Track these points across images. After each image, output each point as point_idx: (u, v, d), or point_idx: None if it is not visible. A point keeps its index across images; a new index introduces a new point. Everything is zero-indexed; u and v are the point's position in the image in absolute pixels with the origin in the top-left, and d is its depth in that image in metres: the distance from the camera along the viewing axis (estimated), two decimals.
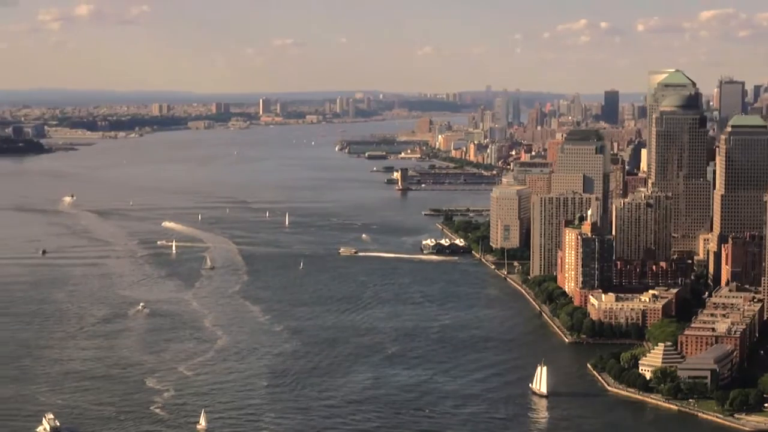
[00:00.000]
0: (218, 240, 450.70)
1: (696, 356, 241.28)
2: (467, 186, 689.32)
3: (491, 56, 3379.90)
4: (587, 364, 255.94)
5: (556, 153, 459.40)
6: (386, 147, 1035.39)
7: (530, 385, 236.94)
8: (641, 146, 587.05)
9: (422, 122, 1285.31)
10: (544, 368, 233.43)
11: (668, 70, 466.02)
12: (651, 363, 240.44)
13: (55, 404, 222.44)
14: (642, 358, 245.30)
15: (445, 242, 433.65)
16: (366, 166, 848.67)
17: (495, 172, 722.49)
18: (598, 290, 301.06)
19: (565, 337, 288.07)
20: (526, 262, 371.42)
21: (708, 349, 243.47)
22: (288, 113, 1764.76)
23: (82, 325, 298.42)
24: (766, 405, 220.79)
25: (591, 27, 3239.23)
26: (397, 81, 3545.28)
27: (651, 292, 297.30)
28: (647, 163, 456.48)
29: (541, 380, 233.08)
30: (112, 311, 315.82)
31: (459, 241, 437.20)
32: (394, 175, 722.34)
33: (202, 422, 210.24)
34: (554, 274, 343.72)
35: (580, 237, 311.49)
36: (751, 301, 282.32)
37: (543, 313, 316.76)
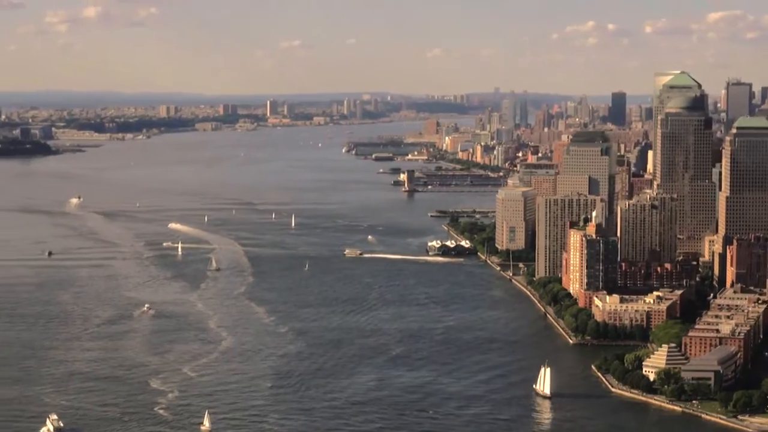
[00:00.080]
0: (224, 241, 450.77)
1: (700, 358, 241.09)
2: (474, 187, 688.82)
3: (499, 58, 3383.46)
4: (591, 366, 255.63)
5: (561, 155, 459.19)
6: (393, 149, 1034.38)
7: (534, 387, 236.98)
8: (648, 148, 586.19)
9: (429, 124, 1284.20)
10: (548, 369, 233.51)
11: (674, 72, 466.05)
12: (655, 364, 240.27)
13: (59, 405, 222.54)
14: (646, 360, 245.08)
15: (451, 244, 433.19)
16: (373, 168, 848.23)
17: (501, 174, 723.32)
18: (602, 292, 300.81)
19: (569, 339, 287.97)
20: (532, 263, 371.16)
21: (712, 351, 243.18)
22: (295, 115, 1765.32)
23: (87, 326, 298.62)
24: None
25: (599, 29, 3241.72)
26: (404, 82, 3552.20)
27: (655, 293, 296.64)
28: (653, 164, 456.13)
29: (545, 381, 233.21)
30: (117, 312, 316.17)
31: (464, 243, 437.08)
32: (400, 176, 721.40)
33: (206, 423, 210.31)
34: (559, 275, 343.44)
35: (585, 238, 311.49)
36: (756, 303, 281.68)
37: (548, 314, 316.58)
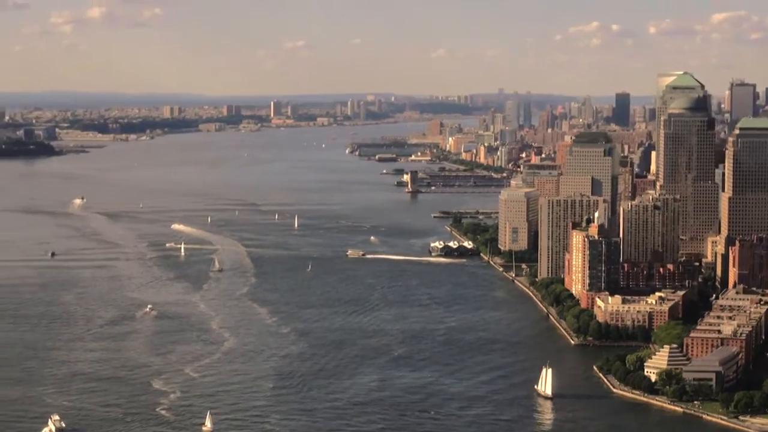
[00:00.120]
0: (227, 242, 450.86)
1: (701, 358, 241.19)
2: (477, 188, 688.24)
3: (503, 59, 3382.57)
4: (593, 366, 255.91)
5: (564, 155, 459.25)
6: (397, 149, 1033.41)
7: (535, 387, 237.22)
8: (651, 149, 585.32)
9: (433, 125, 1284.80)
10: (549, 370, 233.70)
11: (677, 73, 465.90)
12: (656, 365, 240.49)
13: (62, 406, 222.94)
14: (647, 361, 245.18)
15: (454, 244, 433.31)
16: (376, 169, 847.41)
17: (505, 175, 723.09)
18: (604, 292, 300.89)
19: (571, 340, 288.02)
20: (534, 264, 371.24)
21: (713, 352, 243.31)
22: (299, 116, 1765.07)
23: (89, 327, 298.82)
24: None
25: (603, 29, 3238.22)
26: (408, 83, 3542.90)
27: (657, 294, 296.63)
28: (655, 165, 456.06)
29: (546, 382, 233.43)
30: (119, 313, 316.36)
31: (467, 244, 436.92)
32: (403, 177, 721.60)
33: (208, 424, 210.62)
34: (562, 276, 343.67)
35: (587, 239, 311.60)
36: (758, 304, 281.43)
37: (550, 315, 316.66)
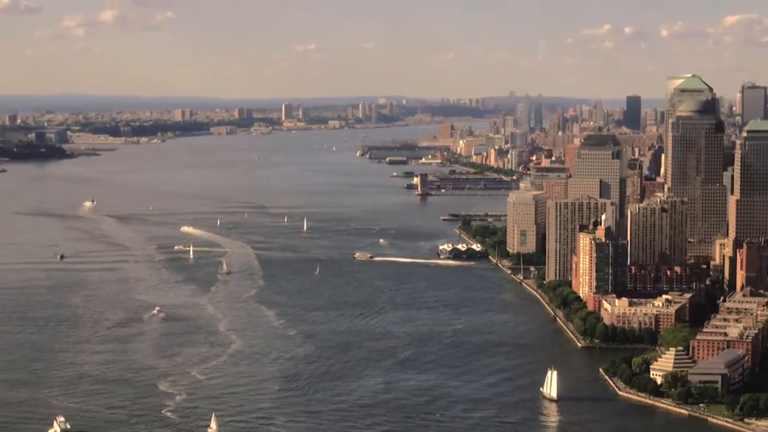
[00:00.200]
0: (236, 245, 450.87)
1: (707, 361, 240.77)
2: (487, 191, 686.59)
3: (515, 61, 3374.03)
4: (599, 369, 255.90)
5: (573, 158, 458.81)
6: (407, 152, 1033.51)
7: (541, 390, 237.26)
8: (662, 151, 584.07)
9: (444, 128, 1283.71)
10: (555, 372, 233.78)
11: (686, 76, 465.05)
12: (662, 367, 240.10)
13: (67, 408, 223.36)
14: (653, 363, 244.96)
15: (462, 247, 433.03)
16: (386, 172, 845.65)
17: (515, 178, 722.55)
18: (611, 295, 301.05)
19: (578, 342, 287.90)
20: (542, 267, 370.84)
21: (719, 354, 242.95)
22: (310, 119, 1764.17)
23: (96, 329, 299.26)
24: None
25: (614, 32, 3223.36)
26: (420, 86, 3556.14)
27: (664, 296, 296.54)
28: (664, 168, 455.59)
29: (552, 384, 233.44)
30: (127, 315, 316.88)
31: (476, 246, 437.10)
32: (413, 180, 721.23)
33: (213, 426, 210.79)
34: (569, 279, 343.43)
35: (594, 242, 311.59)
36: (765, 306, 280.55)
37: (557, 317, 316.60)
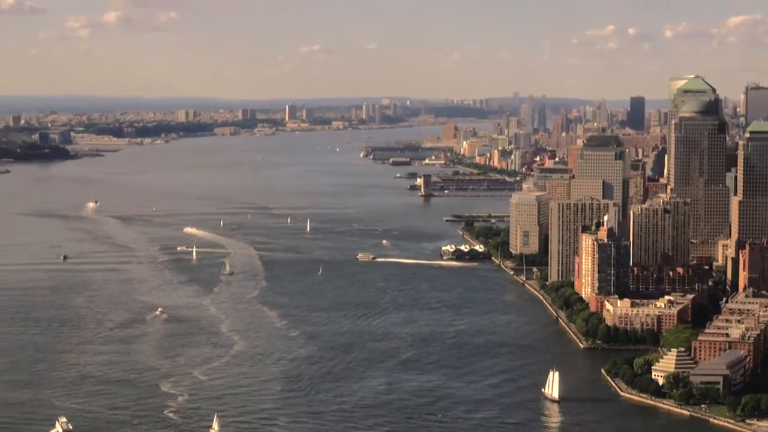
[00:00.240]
0: (239, 246, 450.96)
1: (708, 362, 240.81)
2: (490, 192, 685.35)
3: (519, 62, 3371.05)
4: (601, 370, 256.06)
5: (576, 159, 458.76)
6: (411, 153, 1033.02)
7: (543, 390, 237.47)
8: (665, 152, 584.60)
9: (447, 128, 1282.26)
10: (556, 373, 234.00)
11: (689, 76, 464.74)
12: (664, 368, 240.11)
13: (70, 408, 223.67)
14: (655, 364, 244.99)
15: (465, 248, 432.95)
16: (390, 173, 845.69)
17: (518, 178, 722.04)
18: (613, 296, 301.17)
19: (580, 343, 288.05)
20: (545, 267, 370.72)
21: (721, 355, 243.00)
22: (314, 119, 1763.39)
23: (99, 330, 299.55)
24: None
25: (619, 33, 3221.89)
26: (424, 87, 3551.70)
27: (667, 297, 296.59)
28: (667, 168, 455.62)
29: (553, 385, 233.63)
30: (130, 316, 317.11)
31: (479, 247, 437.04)
32: (417, 181, 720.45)
33: (215, 426, 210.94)
34: (572, 279, 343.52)
35: (597, 243, 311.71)
36: (767, 307, 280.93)
37: (559, 318, 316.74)
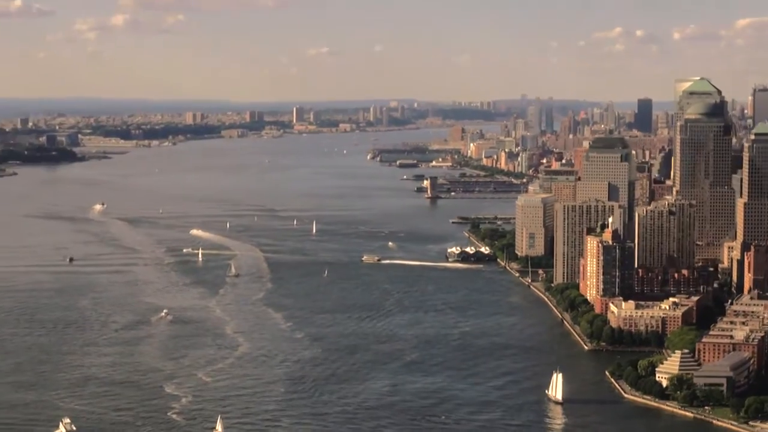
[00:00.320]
0: (245, 248, 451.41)
1: (712, 364, 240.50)
2: (497, 194, 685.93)
3: (527, 64, 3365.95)
4: (605, 372, 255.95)
5: (582, 161, 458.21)
6: (418, 155, 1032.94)
7: (546, 392, 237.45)
8: (672, 154, 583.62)
9: (455, 131, 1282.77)
10: (560, 375, 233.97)
11: (694, 78, 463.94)
12: (668, 370, 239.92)
13: (74, 409, 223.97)
14: (659, 366, 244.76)
15: (471, 250, 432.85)
16: (397, 175, 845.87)
17: (525, 181, 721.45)
18: (618, 298, 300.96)
19: (584, 345, 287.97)
20: (551, 269, 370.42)
21: (725, 357, 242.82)
22: (321, 122, 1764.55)
23: (104, 331, 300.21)
24: None
25: (626, 35, 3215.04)
26: (432, 89, 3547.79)
27: (671, 299, 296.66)
28: (673, 170, 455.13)
29: (557, 387, 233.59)
30: (135, 318, 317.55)
31: (484, 249, 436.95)
32: (423, 183, 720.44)
33: (219, 428, 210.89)
34: (577, 281, 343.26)
35: (601, 245, 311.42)
36: None
37: (564, 320, 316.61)
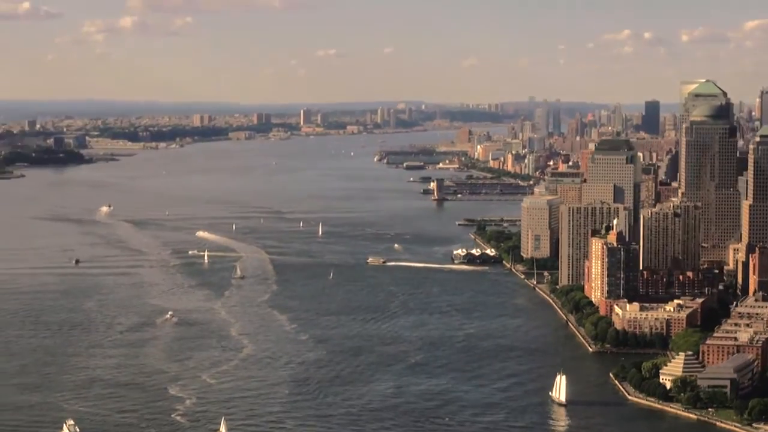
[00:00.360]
0: (251, 250, 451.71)
1: (716, 365, 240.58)
2: (503, 196, 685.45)
3: (534, 67, 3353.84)
4: (609, 374, 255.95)
5: (587, 163, 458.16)
6: (425, 157, 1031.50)
7: (550, 394, 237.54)
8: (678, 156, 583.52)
9: (462, 133, 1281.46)
10: (563, 377, 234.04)
11: (700, 80, 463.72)
12: (671, 372, 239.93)
13: (78, 411, 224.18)
14: (663, 368, 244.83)
15: (476, 252, 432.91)
16: (403, 177, 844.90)
17: (531, 182, 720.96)
18: (623, 300, 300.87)
19: (589, 347, 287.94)
20: (556, 271, 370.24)
21: (729, 359, 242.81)
22: (329, 124, 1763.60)
23: (109, 333, 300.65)
24: None
25: (634, 37, 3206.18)
26: (439, 91, 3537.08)
27: (676, 301, 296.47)
28: (678, 173, 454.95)
29: (560, 389, 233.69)
30: (140, 320, 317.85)
31: (490, 251, 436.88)
32: (430, 185, 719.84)
33: (223, 429, 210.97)
34: (582, 283, 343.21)
35: (606, 246, 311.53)
36: None
37: (569, 322, 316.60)
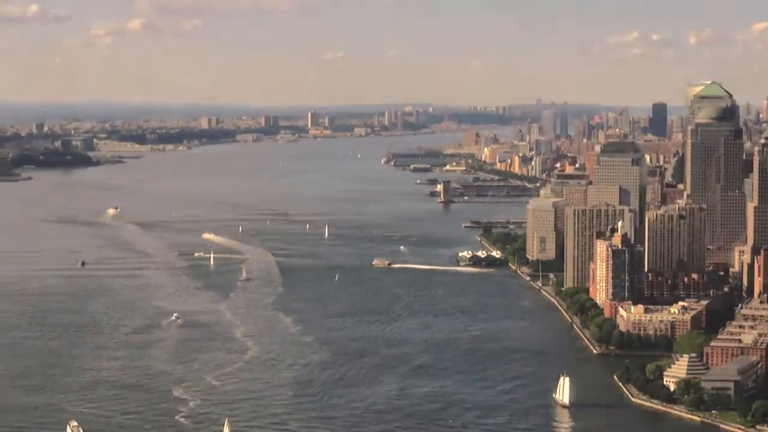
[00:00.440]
0: (257, 252, 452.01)
1: (720, 367, 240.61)
2: (510, 198, 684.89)
3: (542, 69, 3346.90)
4: (613, 376, 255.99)
5: (593, 165, 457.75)
6: (432, 160, 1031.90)
7: (554, 396, 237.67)
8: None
9: (469, 135, 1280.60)
10: (567, 379, 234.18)
11: (705, 82, 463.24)
12: (675, 374, 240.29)
13: (82, 413, 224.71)
14: (667, 370, 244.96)
15: (482, 254, 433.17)
16: (410, 179, 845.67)
17: (538, 185, 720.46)
18: (627, 302, 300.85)
19: (593, 349, 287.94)
20: (561, 274, 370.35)
21: (732, 361, 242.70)
22: (336, 126, 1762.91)
23: (114, 335, 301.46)
24: None
25: (642, 39, 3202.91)
26: (447, 94, 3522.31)
27: (681, 303, 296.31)
28: (684, 174, 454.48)
29: (564, 391, 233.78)
30: (145, 322, 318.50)
31: (496, 253, 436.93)
32: (437, 187, 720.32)
33: (226, 431, 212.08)
34: (587, 285, 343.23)
35: (611, 248, 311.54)
36: None
37: (574, 324, 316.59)
